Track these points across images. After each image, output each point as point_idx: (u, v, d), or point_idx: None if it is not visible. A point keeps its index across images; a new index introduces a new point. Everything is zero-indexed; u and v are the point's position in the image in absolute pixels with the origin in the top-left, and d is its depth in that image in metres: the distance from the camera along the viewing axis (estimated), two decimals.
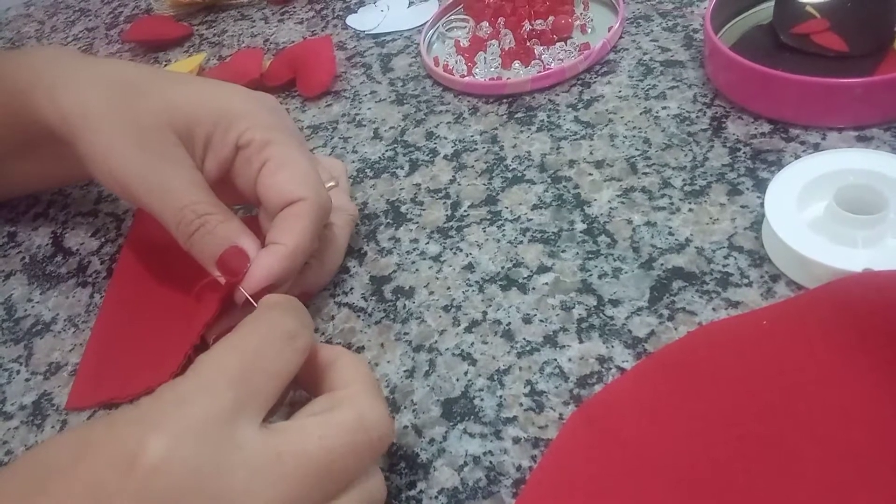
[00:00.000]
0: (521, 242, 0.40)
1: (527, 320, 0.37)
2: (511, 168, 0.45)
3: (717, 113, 0.44)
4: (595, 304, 0.36)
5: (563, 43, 0.53)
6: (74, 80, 0.39)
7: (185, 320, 0.39)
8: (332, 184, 0.41)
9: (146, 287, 0.44)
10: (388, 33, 0.62)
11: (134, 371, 0.39)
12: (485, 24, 0.57)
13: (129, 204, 0.48)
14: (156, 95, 0.38)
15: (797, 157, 0.40)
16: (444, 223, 0.43)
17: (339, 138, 0.52)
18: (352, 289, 0.41)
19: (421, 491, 0.31)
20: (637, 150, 0.44)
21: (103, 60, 0.43)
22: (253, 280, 0.35)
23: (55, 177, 0.50)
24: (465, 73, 0.53)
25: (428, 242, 0.42)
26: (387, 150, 0.50)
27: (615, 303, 0.36)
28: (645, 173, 0.42)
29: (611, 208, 0.41)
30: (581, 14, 0.55)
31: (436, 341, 0.37)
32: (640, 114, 0.46)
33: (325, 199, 0.37)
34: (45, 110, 0.38)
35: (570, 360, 0.34)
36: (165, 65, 0.67)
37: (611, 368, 0.34)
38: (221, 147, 0.37)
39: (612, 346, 0.34)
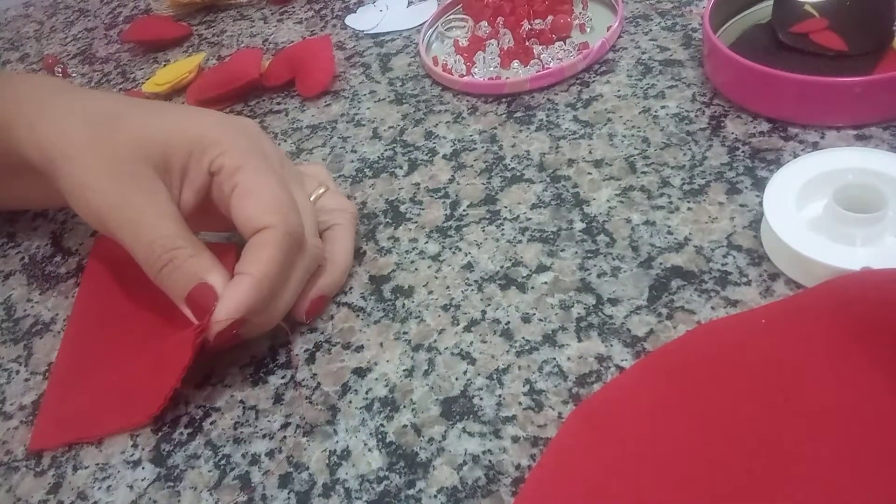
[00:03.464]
0: (521, 242, 0.41)
1: (526, 319, 0.37)
2: (510, 167, 0.45)
3: (715, 112, 0.44)
4: (594, 303, 0.36)
5: (562, 42, 0.53)
6: (53, 113, 0.39)
7: (154, 355, 0.38)
8: (321, 190, 0.41)
9: (109, 318, 0.42)
10: (387, 33, 0.62)
11: (103, 409, 0.38)
12: (484, 23, 0.57)
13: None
14: (132, 127, 0.38)
15: (796, 155, 0.40)
16: (444, 222, 0.43)
17: (338, 138, 0.52)
18: (351, 288, 0.41)
19: (420, 490, 0.31)
20: (636, 149, 0.44)
21: (82, 92, 0.43)
22: (222, 314, 0.35)
23: (41, 201, 0.50)
24: (464, 73, 0.53)
25: (427, 242, 0.42)
26: (386, 150, 0.50)
27: (614, 302, 0.36)
28: (644, 172, 0.42)
29: (610, 207, 0.41)
30: (580, 13, 0.55)
31: (435, 340, 0.37)
32: (639, 113, 0.46)
33: (293, 225, 0.36)
34: (25, 144, 0.39)
35: (569, 359, 0.34)
36: (164, 65, 0.68)
37: (610, 367, 0.34)
38: (196, 175, 0.38)
39: (611, 345, 0.34)
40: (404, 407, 0.35)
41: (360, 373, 0.37)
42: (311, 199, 0.41)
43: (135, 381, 0.38)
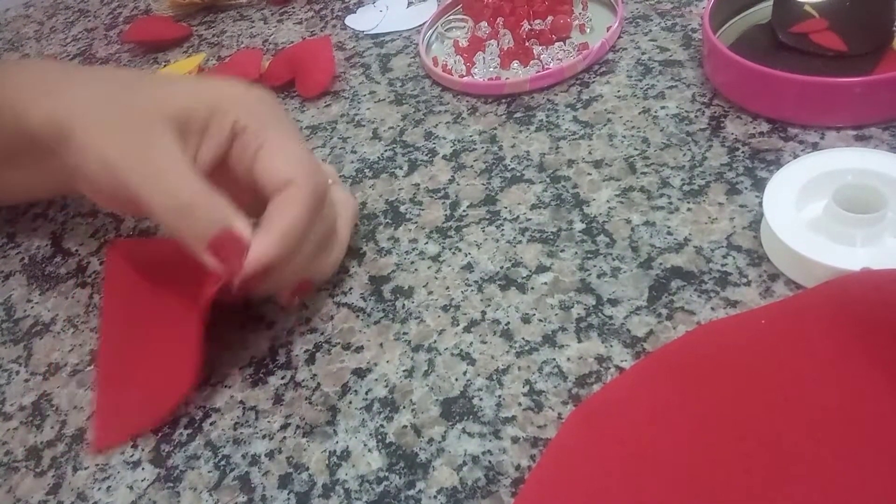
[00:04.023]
0: (520, 242, 0.40)
1: (526, 320, 0.37)
2: (510, 168, 0.45)
3: (715, 112, 0.44)
4: (594, 303, 0.36)
5: (561, 43, 0.53)
6: (69, 85, 0.39)
7: (182, 331, 0.38)
8: (329, 181, 0.41)
9: (137, 315, 0.43)
10: (387, 33, 0.62)
11: (153, 394, 0.38)
12: (484, 24, 0.57)
13: (112, 208, 0.46)
14: (149, 91, 0.38)
15: (796, 156, 0.40)
16: (443, 223, 0.43)
17: (338, 138, 0.52)
18: (351, 289, 0.41)
19: (420, 490, 0.31)
20: (636, 149, 0.44)
21: (97, 68, 0.43)
22: (250, 260, 0.34)
23: (41, 189, 0.49)
24: (464, 73, 0.53)
25: (427, 242, 0.42)
26: (386, 150, 0.50)
27: (614, 302, 0.36)
28: (644, 173, 0.42)
29: (609, 208, 0.41)
30: (580, 14, 0.55)
31: (435, 341, 0.37)
32: (639, 113, 0.46)
33: (319, 183, 0.37)
34: (35, 120, 0.38)
35: (568, 359, 0.34)
36: (164, 65, 0.67)
37: (609, 368, 0.34)
38: (218, 134, 0.37)
39: (611, 346, 0.34)
40: (404, 407, 0.35)
41: (360, 373, 0.37)
42: None
43: (171, 357, 0.38)
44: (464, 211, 0.43)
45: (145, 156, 0.35)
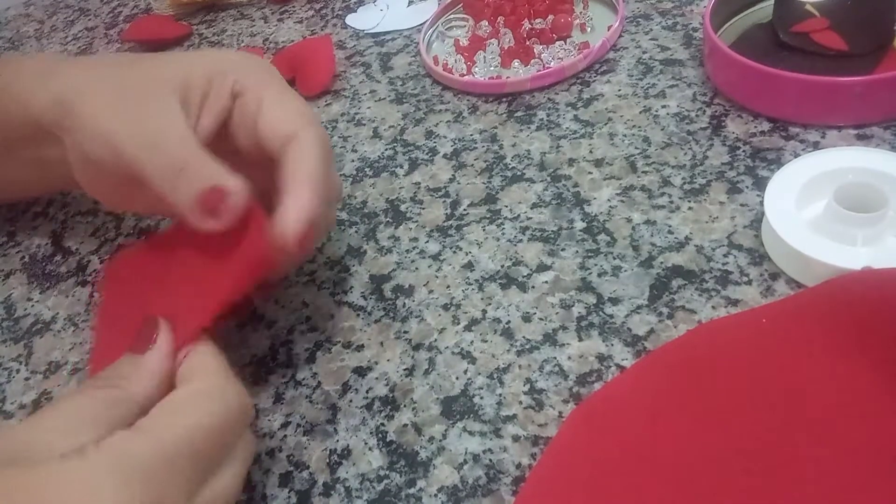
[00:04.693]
0: (521, 241, 0.40)
1: (526, 319, 0.37)
2: (511, 167, 0.45)
3: (716, 111, 0.44)
4: (595, 302, 0.36)
5: (562, 42, 0.53)
6: (70, 66, 0.39)
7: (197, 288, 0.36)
8: None
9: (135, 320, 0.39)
10: (388, 32, 0.62)
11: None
12: (484, 23, 0.57)
13: (109, 202, 0.45)
14: (148, 65, 0.38)
15: (797, 155, 0.40)
16: (444, 222, 0.43)
17: (339, 137, 0.52)
18: (351, 287, 0.41)
19: (421, 489, 0.31)
20: (637, 148, 0.44)
21: (99, 55, 0.43)
22: (296, 221, 0.33)
23: (35, 182, 0.48)
24: (465, 72, 0.53)
25: (427, 241, 0.42)
26: (386, 149, 0.50)
27: (615, 301, 0.36)
28: (644, 172, 0.42)
29: (610, 207, 0.41)
30: (580, 13, 0.55)
31: (435, 340, 0.37)
32: (640, 112, 0.46)
33: (321, 130, 0.36)
34: (36, 100, 0.38)
35: (569, 358, 0.34)
36: None
37: (610, 367, 0.34)
38: (218, 98, 0.37)
39: (612, 345, 0.34)
40: (405, 406, 0.35)
41: (361, 372, 0.37)
42: None
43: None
44: (464, 210, 0.43)
45: (142, 121, 0.35)
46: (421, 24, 0.60)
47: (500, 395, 0.34)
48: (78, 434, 0.27)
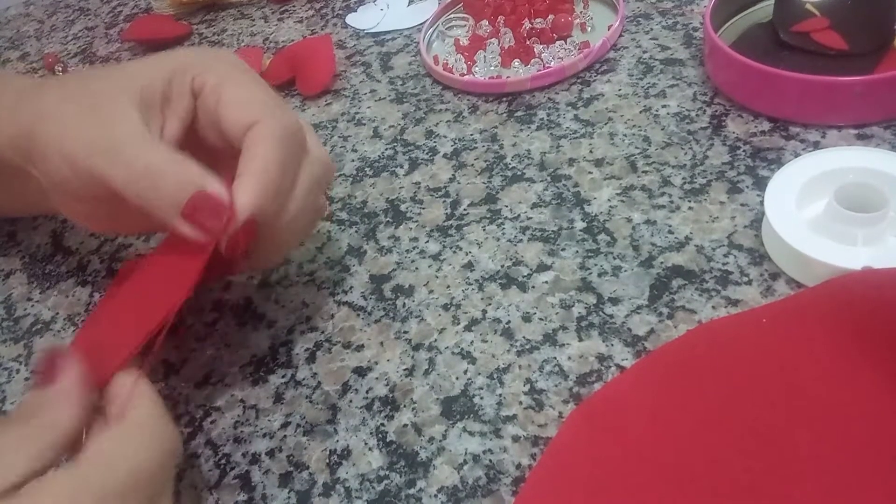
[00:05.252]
0: (521, 241, 0.40)
1: (526, 319, 0.37)
2: (511, 166, 0.45)
3: (716, 111, 0.44)
4: (595, 302, 0.36)
5: (562, 41, 0.53)
6: (36, 92, 0.38)
7: (160, 281, 0.35)
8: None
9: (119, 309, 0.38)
10: (388, 32, 0.62)
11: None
12: (484, 22, 0.57)
13: (87, 223, 0.42)
14: (112, 75, 0.37)
15: (797, 155, 0.40)
16: (444, 222, 0.43)
17: (339, 137, 0.52)
18: (351, 287, 0.41)
19: (420, 489, 0.31)
20: (637, 148, 0.44)
21: (65, 76, 0.42)
22: (238, 213, 0.32)
23: (14, 210, 0.48)
24: (465, 72, 0.53)
25: (427, 241, 0.42)
26: (386, 149, 0.50)
27: (615, 301, 0.36)
28: (645, 171, 0.42)
29: (610, 207, 0.41)
30: (581, 12, 0.55)
31: (435, 340, 0.37)
32: (640, 112, 0.46)
33: (286, 119, 0.34)
34: (1, 137, 0.37)
35: (569, 358, 0.34)
36: None
37: (610, 367, 0.34)
38: (179, 100, 0.36)
39: (612, 345, 0.34)
40: (405, 406, 0.35)
41: (361, 372, 0.37)
42: None
43: (143, 306, 0.35)
44: (464, 210, 0.43)
45: (105, 136, 0.34)
46: (421, 24, 0.60)
47: (500, 395, 0.34)
48: (7, 472, 0.26)
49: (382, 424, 0.34)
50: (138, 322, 0.33)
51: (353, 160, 0.50)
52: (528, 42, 0.54)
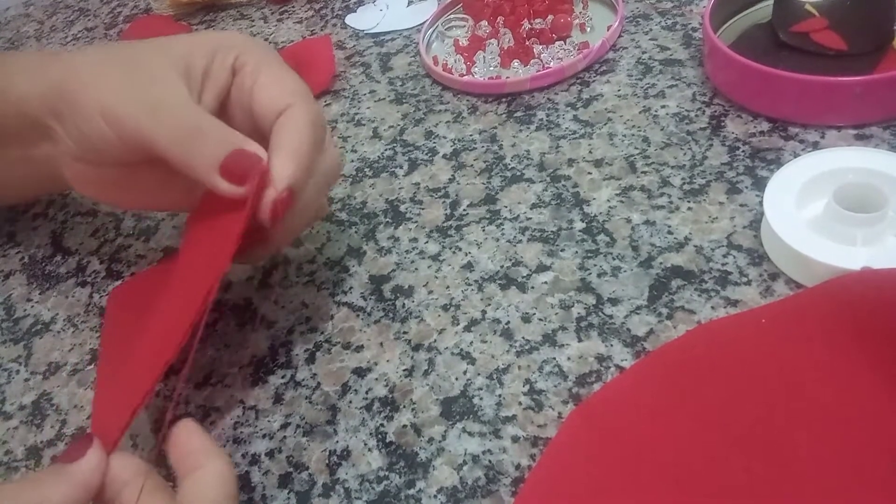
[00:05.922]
0: (521, 241, 0.40)
1: (526, 319, 0.37)
2: (510, 167, 0.45)
3: (716, 111, 0.44)
4: (594, 302, 0.36)
5: (562, 42, 0.53)
6: (65, 55, 0.38)
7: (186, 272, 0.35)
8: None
9: (136, 338, 0.38)
10: (387, 32, 0.62)
11: (139, 373, 0.34)
12: (484, 23, 0.57)
13: (101, 197, 0.43)
14: (148, 44, 0.38)
15: (796, 155, 0.40)
16: (444, 222, 0.43)
17: (339, 137, 0.52)
18: (351, 288, 0.41)
19: (420, 490, 0.31)
20: (636, 148, 0.44)
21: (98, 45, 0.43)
22: (277, 183, 0.33)
23: (22, 181, 0.47)
24: (465, 73, 0.53)
25: (427, 241, 0.42)
26: (386, 150, 0.50)
27: (614, 301, 0.36)
28: (644, 172, 0.42)
29: (610, 207, 0.41)
30: (580, 13, 0.55)
31: (435, 340, 0.37)
32: (639, 112, 0.46)
33: (316, 107, 0.36)
34: (24, 92, 0.37)
35: (569, 358, 0.34)
36: None
37: (610, 367, 0.34)
38: (219, 75, 0.37)
39: (612, 345, 0.34)
40: (404, 407, 0.35)
41: (360, 373, 0.37)
42: None
43: (162, 333, 0.34)
44: (464, 210, 0.43)
45: (148, 94, 0.35)
46: (420, 25, 0.60)
47: (500, 395, 0.34)
48: None
49: (382, 425, 0.34)
50: (182, 305, 0.34)
51: (352, 161, 0.50)
52: (527, 43, 0.54)
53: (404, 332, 0.38)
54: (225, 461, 0.30)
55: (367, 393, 0.36)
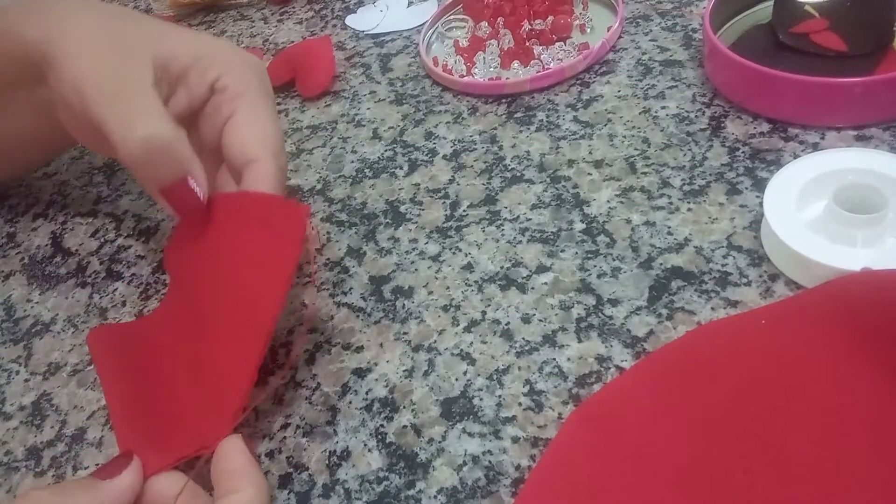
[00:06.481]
0: (521, 242, 0.40)
1: (526, 320, 0.37)
2: (510, 168, 0.45)
3: (716, 112, 0.44)
4: (594, 303, 0.36)
5: (562, 43, 0.53)
6: (64, 4, 0.38)
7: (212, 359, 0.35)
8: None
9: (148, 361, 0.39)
10: (388, 33, 0.62)
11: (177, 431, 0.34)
12: (484, 23, 0.57)
13: (91, 145, 0.44)
14: (140, 26, 0.38)
15: (796, 156, 0.40)
16: (444, 223, 0.43)
17: (339, 138, 0.52)
18: (351, 289, 0.41)
19: (420, 490, 0.31)
20: (636, 149, 0.44)
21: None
22: None
23: (30, 133, 0.47)
24: (465, 73, 0.53)
25: (427, 242, 0.42)
26: (386, 150, 0.50)
27: (614, 302, 0.36)
28: (644, 173, 0.42)
29: (610, 208, 0.41)
30: (580, 14, 0.55)
31: (435, 341, 0.37)
32: (639, 113, 0.46)
33: (283, 162, 0.37)
34: (27, 34, 0.38)
35: (569, 359, 0.34)
36: None
37: (610, 368, 0.34)
38: (197, 85, 0.37)
39: (611, 346, 0.34)
40: (404, 407, 0.35)
41: (360, 373, 0.37)
42: None
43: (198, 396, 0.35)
44: (464, 211, 0.43)
45: (116, 86, 0.35)
46: (420, 25, 0.60)
47: (500, 396, 0.34)
48: None
49: (382, 426, 0.34)
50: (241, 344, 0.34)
51: (352, 161, 0.50)
52: (527, 43, 0.54)
53: (404, 333, 0.38)
54: (260, 489, 0.30)
55: (367, 393, 0.36)
